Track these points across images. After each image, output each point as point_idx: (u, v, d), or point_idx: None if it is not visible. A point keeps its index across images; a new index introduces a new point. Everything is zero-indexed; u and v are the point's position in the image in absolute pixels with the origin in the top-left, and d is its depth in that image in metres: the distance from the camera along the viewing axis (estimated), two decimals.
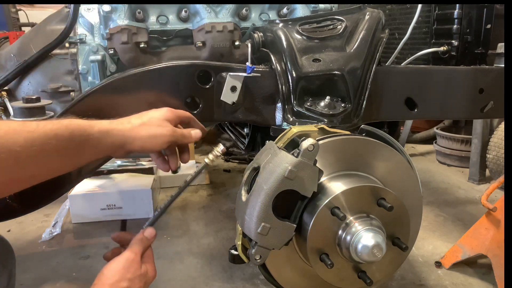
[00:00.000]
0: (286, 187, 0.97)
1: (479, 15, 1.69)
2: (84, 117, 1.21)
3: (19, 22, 4.60)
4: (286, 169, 0.95)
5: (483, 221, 1.85)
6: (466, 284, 1.87)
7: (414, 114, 1.46)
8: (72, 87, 1.60)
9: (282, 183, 0.96)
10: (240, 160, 3.72)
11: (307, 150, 0.96)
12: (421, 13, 1.57)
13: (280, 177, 0.96)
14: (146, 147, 0.99)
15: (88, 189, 2.62)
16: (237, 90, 1.26)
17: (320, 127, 1.15)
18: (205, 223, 2.54)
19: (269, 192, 0.96)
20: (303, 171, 0.97)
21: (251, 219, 0.99)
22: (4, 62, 1.69)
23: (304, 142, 0.96)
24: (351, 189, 1.02)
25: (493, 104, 1.52)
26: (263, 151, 1.09)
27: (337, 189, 1.02)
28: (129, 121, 1.00)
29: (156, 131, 1.00)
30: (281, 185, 0.96)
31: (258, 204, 0.97)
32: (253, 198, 0.99)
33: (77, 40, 1.58)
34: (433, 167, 3.53)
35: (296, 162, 0.96)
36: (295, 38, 1.32)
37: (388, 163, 1.14)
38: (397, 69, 1.45)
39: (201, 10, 1.53)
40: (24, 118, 1.09)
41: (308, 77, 1.26)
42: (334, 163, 1.09)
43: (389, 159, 1.14)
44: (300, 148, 0.96)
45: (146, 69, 1.26)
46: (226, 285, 1.89)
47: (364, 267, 1.05)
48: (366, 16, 1.37)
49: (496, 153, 2.89)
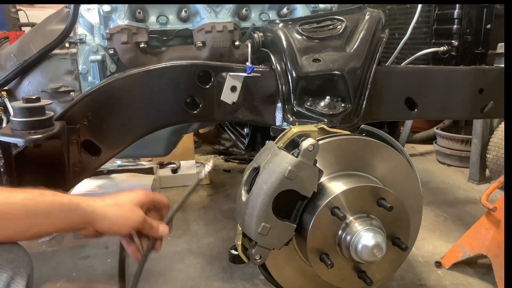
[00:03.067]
0: (286, 187, 0.97)
1: (479, 15, 1.69)
2: (84, 118, 1.22)
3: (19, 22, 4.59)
4: (286, 169, 0.95)
5: (483, 221, 1.85)
6: (466, 284, 1.87)
7: (414, 114, 1.46)
8: (72, 87, 1.60)
9: (282, 183, 0.96)
10: (240, 160, 3.71)
11: (307, 150, 0.96)
12: (421, 13, 1.57)
13: (280, 177, 0.96)
14: (113, 229, 0.98)
15: (88, 189, 2.61)
16: (237, 90, 1.26)
17: (320, 127, 1.15)
18: (205, 223, 2.54)
19: (269, 192, 0.96)
20: (303, 171, 0.97)
21: (251, 219, 0.99)
22: (4, 62, 1.69)
23: (304, 142, 0.96)
24: (351, 189, 1.02)
25: (493, 104, 1.52)
26: (263, 151, 1.09)
27: (337, 189, 1.02)
28: (102, 200, 1.00)
29: (125, 214, 0.99)
30: (281, 185, 0.96)
31: (258, 204, 0.97)
32: (253, 198, 0.99)
33: (77, 40, 1.58)
34: (433, 167, 3.53)
35: (296, 162, 0.96)
36: (295, 38, 1.32)
37: (388, 163, 1.14)
38: (397, 69, 1.45)
39: (201, 10, 1.53)
40: (24, 118, 1.09)
41: (308, 77, 1.26)
42: (334, 163, 1.09)
43: (389, 159, 1.14)
44: (300, 148, 0.96)
45: (146, 69, 1.26)
46: (226, 285, 1.89)
47: (364, 267, 1.05)
48: (366, 16, 1.37)
49: (496, 153, 2.89)
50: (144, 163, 3.07)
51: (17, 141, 1.07)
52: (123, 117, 1.26)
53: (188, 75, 1.26)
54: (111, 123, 1.25)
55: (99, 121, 1.24)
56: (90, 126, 1.23)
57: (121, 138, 1.28)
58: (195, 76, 1.26)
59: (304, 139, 0.98)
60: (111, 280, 1.89)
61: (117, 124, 1.26)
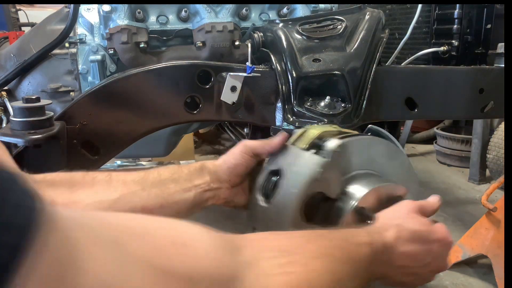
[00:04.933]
0: (315, 189, 0.94)
1: (479, 15, 1.69)
2: (84, 118, 1.22)
3: (19, 22, 4.59)
4: (315, 170, 0.93)
5: (483, 221, 1.85)
6: (466, 284, 1.87)
7: (414, 114, 1.46)
8: (72, 87, 1.60)
9: (312, 186, 0.94)
10: None
11: (334, 151, 0.95)
12: (421, 13, 1.57)
13: (310, 179, 0.93)
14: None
15: None
16: (237, 90, 1.26)
17: (334, 127, 1.14)
18: (205, 223, 2.53)
19: (300, 196, 0.93)
20: (330, 172, 0.95)
21: (279, 225, 0.94)
22: (4, 62, 1.68)
23: (330, 142, 0.95)
24: (376, 188, 1.01)
25: (493, 104, 1.52)
26: (279, 153, 1.05)
27: (360, 189, 1.01)
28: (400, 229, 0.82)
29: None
30: (311, 188, 0.94)
31: (288, 209, 0.93)
32: (281, 203, 0.95)
33: (77, 40, 1.58)
34: (433, 167, 3.53)
35: (325, 163, 0.94)
36: (295, 38, 1.32)
37: (395, 163, 1.15)
38: (397, 69, 1.45)
39: (201, 10, 1.53)
40: (24, 118, 1.09)
41: (308, 77, 1.26)
42: (351, 163, 1.09)
43: (396, 158, 1.15)
44: (327, 149, 0.95)
45: (146, 69, 1.25)
46: None
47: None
48: (366, 16, 1.37)
49: (496, 153, 2.89)
50: (144, 163, 3.07)
51: (17, 141, 1.07)
52: (123, 117, 1.26)
53: (188, 75, 1.26)
54: (111, 123, 1.25)
55: (99, 121, 1.23)
56: (90, 126, 1.22)
57: (121, 138, 1.28)
58: (195, 76, 1.26)
59: (329, 140, 0.96)
60: None
61: (117, 124, 1.26)
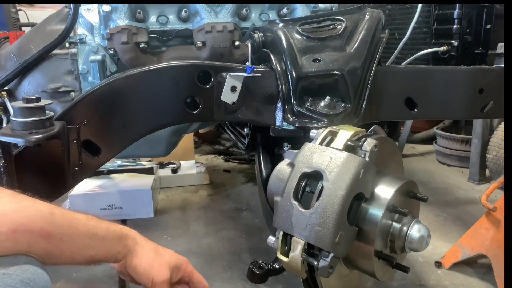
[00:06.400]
0: (358, 190, 0.95)
1: (479, 15, 1.69)
2: (84, 118, 1.22)
3: (19, 22, 4.60)
4: (359, 171, 0.93)
5: (483, 221, 1.85)
6: (466, 284, 1.87)
7: (414, 114, 1.46)
8: (72, 87, 1.60)
9: (356, 187, 0.94)
10: (240, 160, 3.72)
11: (372, 151, 0.96)
12: (421, 13, 1.58)
13: (355, 180, 0.93)
14: (139, 271, 0.95)
15: (88, 189, 2.62)
16: (237, 90, 1.26)
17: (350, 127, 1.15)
18: (205, 223, 2.54)
19: (346, 198, 0.93)
20: (369, 172, 0.96)
21: (325, 229, 0.93)
22: (4, 62, 1.69)
23: (367, 142, 0.96)
24: (402, 185, 1.02)
25: (493, 104, 1.52)
26: (309, 154, 1.02)
27: (388, 188, 1.02)
28: (146, 240, 0.99)
29: (154, 265, 0.96)
30: (355, 189, 0.94)
31: (335, 212, 0.92)
32: (327, 206, 0.93)
33: (77, 40, 1.58)
34: (433, 167, 3.53)
35: (366, 164, 0.95)
36: (295, 38, 1.32)
37: (397, 161, 1.18)
38: (397, 69, 1.45)
39: (201, 10, 1.53)
40: (24, 118, 1.09)
41: (308, 77, 1.26)
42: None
43: (398, 157, 1.17)
44: (365, 149, 0.96)
45: (146, 69, 1.26)
46: (226, 285, 1.89)
47: (399, 259, 1.06)
48: (366, 16, 1.37)
49: (496, 153, 2.89)
50: (144, 163, 3.07)
51: (17, 141, 1.07)
52: (123, 117, 1.26)
53: (188, 75, 1.26)
54: (111, 123, 1.25)
55: (99, 121, 1.24)
56: (90, 126, 1.22)
57: (121, 138, 1.28)
58: (195, 76, 1.26)
59: (365, 139, 0.97)
60: (111, 280, 1.90)
61: (117, 124, 1.26)
